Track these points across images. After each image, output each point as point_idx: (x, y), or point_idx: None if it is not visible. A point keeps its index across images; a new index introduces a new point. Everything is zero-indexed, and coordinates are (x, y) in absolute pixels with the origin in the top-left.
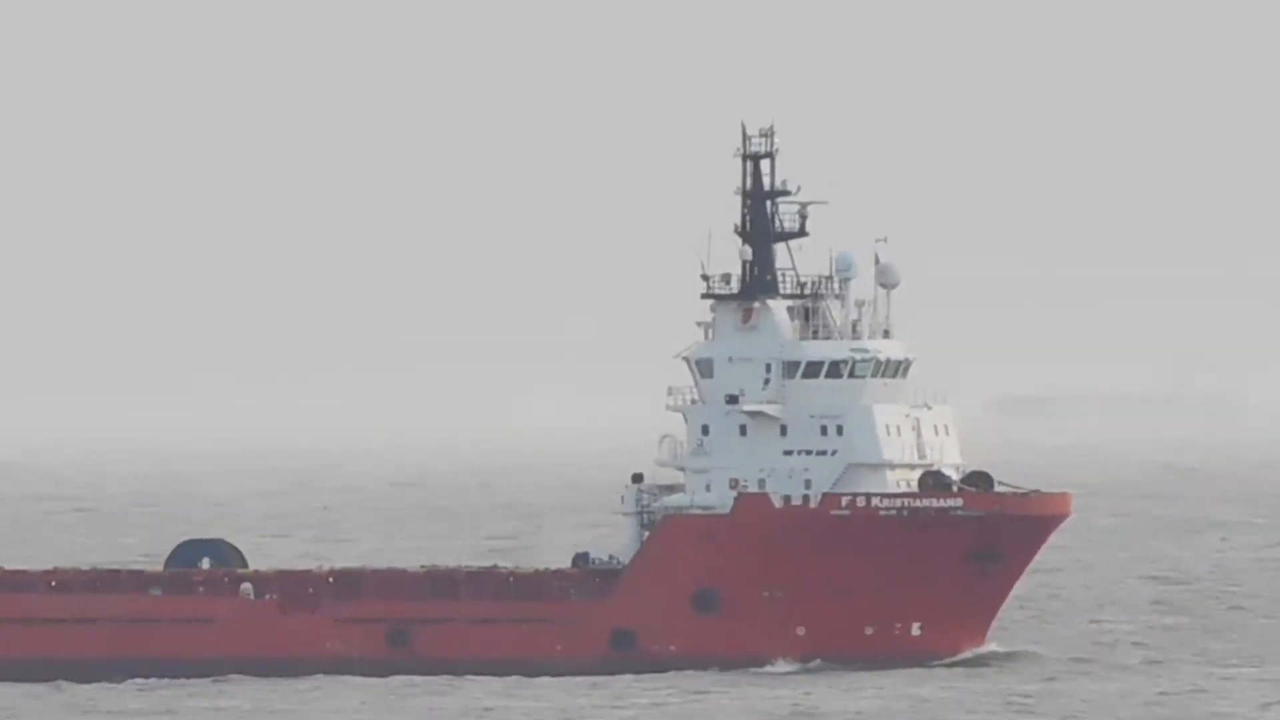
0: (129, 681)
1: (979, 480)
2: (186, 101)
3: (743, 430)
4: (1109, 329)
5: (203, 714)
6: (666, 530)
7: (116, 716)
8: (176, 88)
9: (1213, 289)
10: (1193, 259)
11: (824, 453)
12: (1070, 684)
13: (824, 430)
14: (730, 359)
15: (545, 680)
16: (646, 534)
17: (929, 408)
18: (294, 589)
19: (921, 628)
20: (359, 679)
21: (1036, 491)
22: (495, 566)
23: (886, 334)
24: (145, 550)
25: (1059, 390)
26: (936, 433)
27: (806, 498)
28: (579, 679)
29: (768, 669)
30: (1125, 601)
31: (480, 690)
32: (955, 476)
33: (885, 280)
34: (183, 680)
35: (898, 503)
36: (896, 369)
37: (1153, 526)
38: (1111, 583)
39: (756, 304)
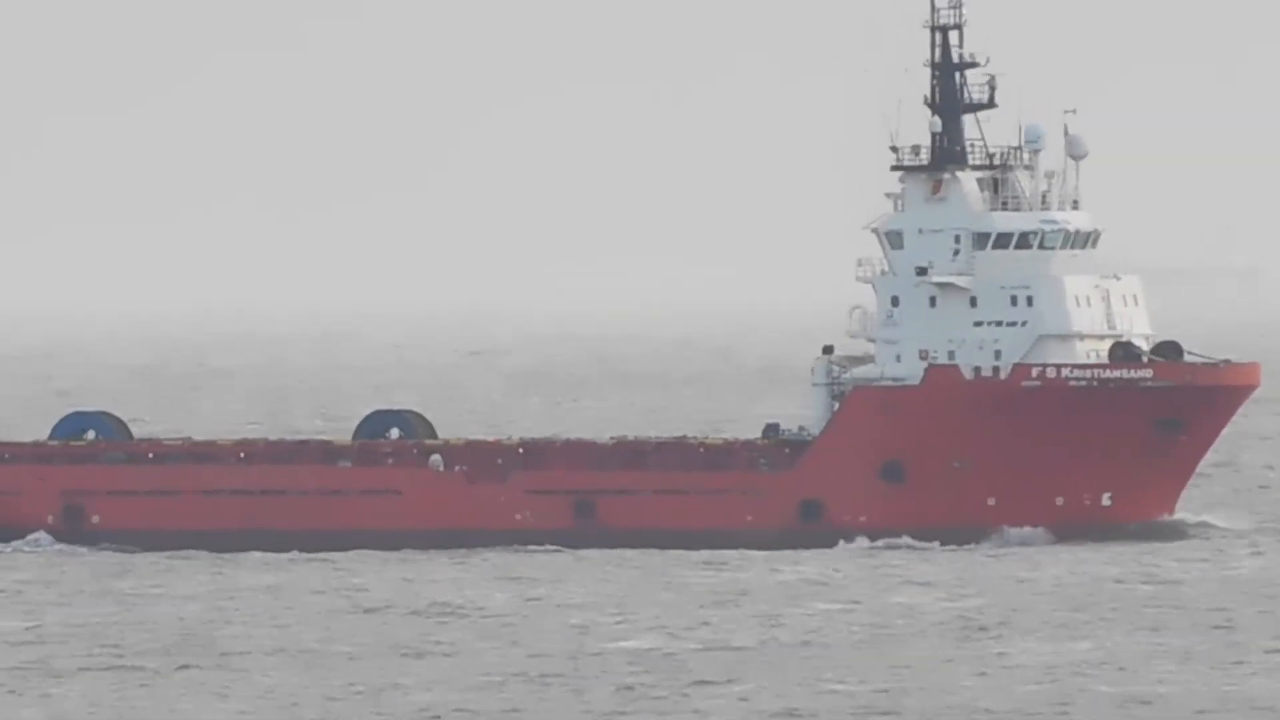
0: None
1: (1168, 350)
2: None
3: (932, 301)
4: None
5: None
6: (856, 401)
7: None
8: None
9: None
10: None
11: (1014, 324)
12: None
13: (1014, 301)
14: (920, 230)
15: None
16: (836, 405)
17: (1118, 278)
18: (483, 460)
19: (1111, 498)
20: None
21: (1227, 361)
22: (684, 437)
23: (1075, 205)
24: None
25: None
26: (1125, 303)
27: (996, 369)
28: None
29: (959, 539)
30: None
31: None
32: (1145, 347)
33: (1074, 151)
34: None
35: (1088, 373)
36: (1085, 240)
37: None
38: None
39: (946, 175)
